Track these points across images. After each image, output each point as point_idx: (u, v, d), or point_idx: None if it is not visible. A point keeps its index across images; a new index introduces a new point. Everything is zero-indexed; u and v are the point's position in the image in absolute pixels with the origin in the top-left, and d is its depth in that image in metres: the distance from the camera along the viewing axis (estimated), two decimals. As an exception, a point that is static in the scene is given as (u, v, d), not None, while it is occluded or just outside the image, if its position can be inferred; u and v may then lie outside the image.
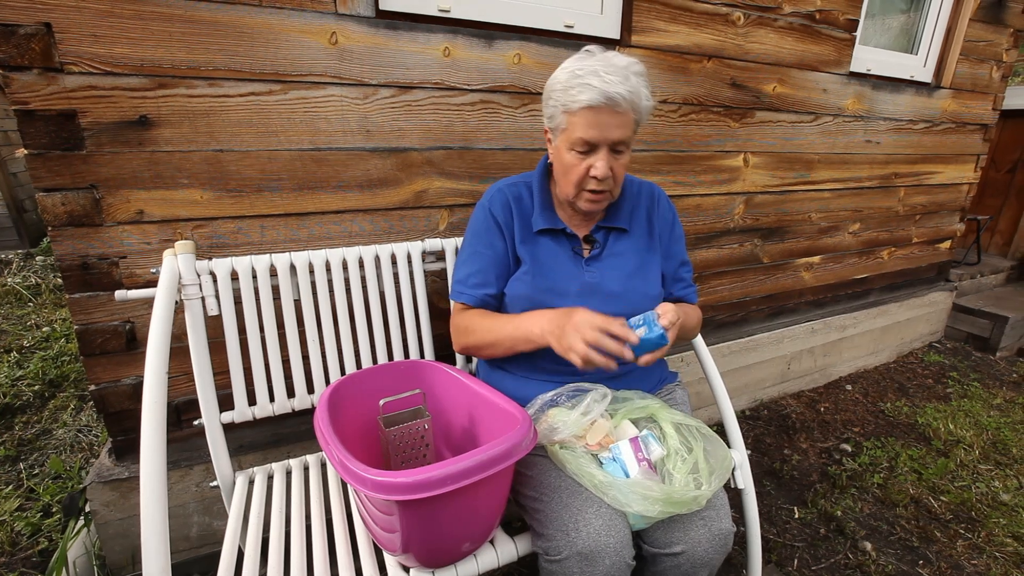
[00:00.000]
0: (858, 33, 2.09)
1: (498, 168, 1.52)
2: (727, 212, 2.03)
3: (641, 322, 0.94)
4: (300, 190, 1.30)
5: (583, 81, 0.96)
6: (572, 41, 1.55)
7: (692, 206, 1.94)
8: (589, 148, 1.01)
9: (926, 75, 2.42)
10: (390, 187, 1.40)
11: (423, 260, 1.36)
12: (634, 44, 1.63)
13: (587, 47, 1.03)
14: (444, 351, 1.40)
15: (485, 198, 1.18)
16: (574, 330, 0.93)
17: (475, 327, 1.13)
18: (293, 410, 1.23)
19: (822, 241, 2.38)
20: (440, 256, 1.40)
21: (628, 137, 1.00)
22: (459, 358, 1.40)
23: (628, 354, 0.91)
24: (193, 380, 1.11)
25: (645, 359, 0.93)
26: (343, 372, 1.26)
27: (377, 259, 1.29)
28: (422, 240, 1.36)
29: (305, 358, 1.24)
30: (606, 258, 1.14)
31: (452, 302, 1.20)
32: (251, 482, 1.17)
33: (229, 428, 1.18)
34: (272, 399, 1.21)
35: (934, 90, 2.45)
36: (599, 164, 1.01)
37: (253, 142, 1.23)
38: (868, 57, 2.19)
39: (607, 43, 1.61)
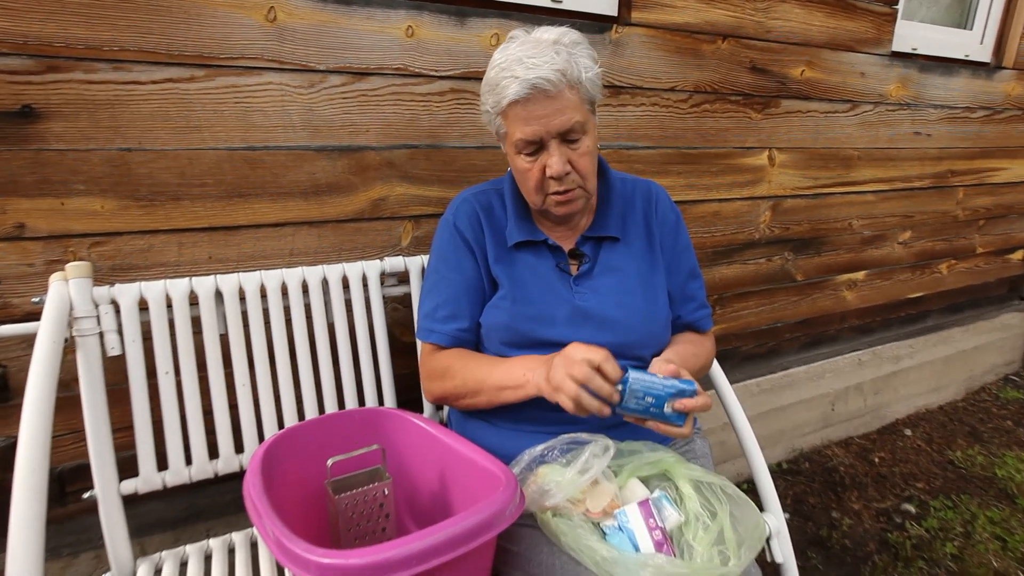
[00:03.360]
0: (900, 6, 2.16)
1: (474, 171, 1.54)
2: (751, 220, 2.06)
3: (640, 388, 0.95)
4: (229, 198, 1.29)
5: (507, 74, 1.00)
6: (561, 19, 1.58)
7: (709, 213, 1.97)
8: (536, 146, 1.04)
9: (984, 54, 2.50)
10: (341, 194, 1.40)
11: (382, 283, 1.36)
12: (635, 22, 1.67)
13: (512, 32, 1.07)
14: (408, 395, 1.39)
15: (449, 212, 1.20)
16: (562, 363, 0.94)
17: (453, 372, 1.13)
18: (216, 475, 1.21)
19: (866, 253, 2.43)
20: (403, 278, 1.40)
21: (578, 121, 1.02)
22: (427, 405, 1.39)
23: (616, 396, 0.93)
24: (84, 440, 1.08)
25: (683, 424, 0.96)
26: (281, 425, 1.25)
27: (325, 282, 1.28)
28: (381, 259, 1.36)
29: (233, 407, 1.22)
30: (599, 275, 1.15)
31: (420, 342, 1.21)
32: (158, 572, 1.13)
33: (131, 501, 1.14)
34: (189, 461, 1.19)
35: (994, 71, 2.53)
36: (553, 161, 1.03)
37: (170, 139, 1.22)
38: (913, 34, 2.27)
39: (602, 20, 1.64)
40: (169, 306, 1.15)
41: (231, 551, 1.18)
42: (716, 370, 1.36)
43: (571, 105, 1.01)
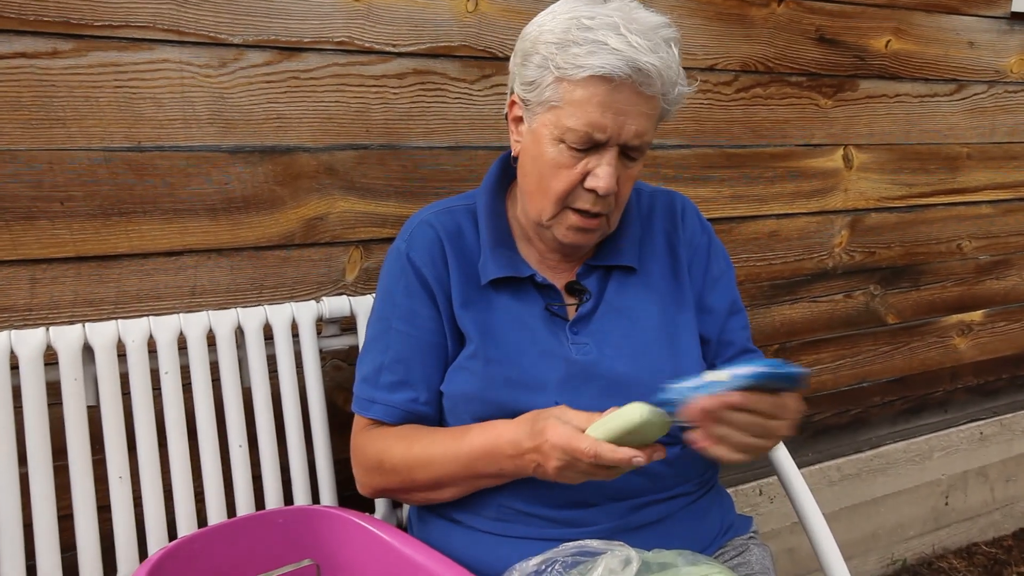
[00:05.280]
0: (1020, -47, 2.22)
1: (443, 179, 1.55)
2: (822, 243, 2.07)
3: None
4: (106, 216, 1.29)
5: (595, 36, 0.99)
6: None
7: (764, 234, 1.98)
8: (591, 144, 1.04)
9: None
10: (263, 211, 1.40)
11: (319, 332, 1.36)
12: (660, -21, 1.70)
13: None
14: (353, 488, 1.35)
15: (401, 238, 1.21)
16: (540, 456, 0.96)
17: (394, 457, 1.12)
18: (76, 609, 1.18)
19: (984, 286, 2.43)
20: (348, 325, 1.41)
21: (650, 136, 1.05)
22: (380, 502, 1.37)
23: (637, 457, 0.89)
24: None
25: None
26: (173, 535, 1.22)
27: (239, 331, 1.28)
28: (317, 299, 1.36)
29: (104, 510, 1.19)
30: (604, 318, 1.15)
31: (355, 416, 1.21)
32: None
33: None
34: (35, 590, 1.15)
35: None
36: (602, 171, 1.03)
37: (21, 137, 1.21)
38: (1041, -13, 2.29)
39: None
40: (15, 367, 1.13)
41: None
42: (778, 447, 1.34)
43: (653, 113, 1.04)
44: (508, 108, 1.15)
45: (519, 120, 1.12)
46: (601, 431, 0.91)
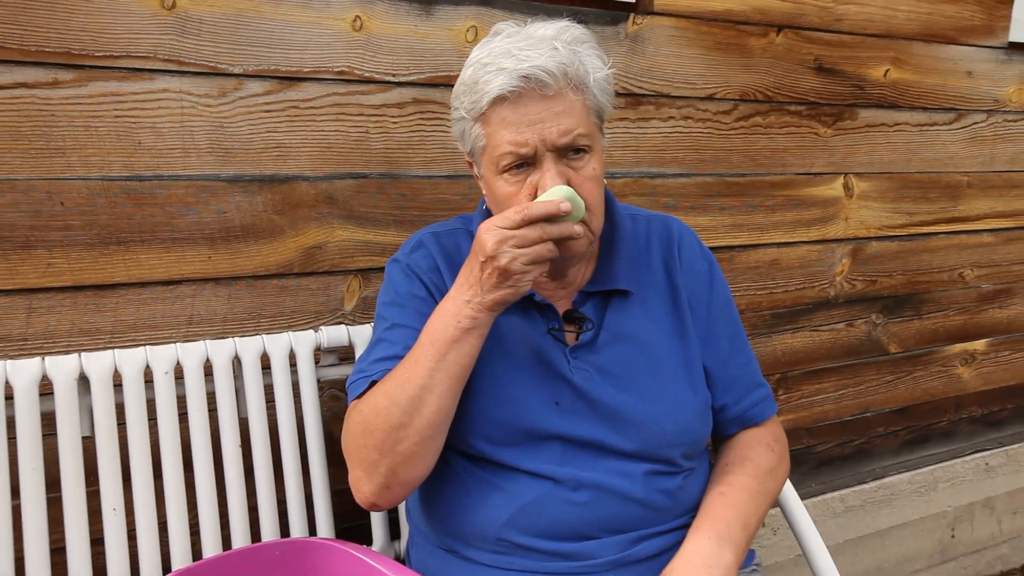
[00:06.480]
0: (1019, -17, 2.23)
1: (443, 208, 1.56)
2: (823, 271, 2.08)
3: None
4: (104, 245, 1.29)
5: (491, 68, 1.03)
6: (559, 6, 1.62)
7: (764, 263, 1.98)
8: (523, 161, 1.06)
9: None
10: (262, 240, 1.41)
11: (317, 362, 1.36)
12: (659, 10, 1.72)
13: (497, 25, 1.11)
14: (352, 519, 1.38)
15: (401, 254, 1.22)
16: (480, 264, 0.97)
17: (376, 403, 1.04)
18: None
19: (987, 315, 2.43)
20: (346, 355, 1.40)
21: (582, 132, 1.05)
22: (378, 534, 1.36)
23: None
24: None
25: None
26: (167, 569, 1.21)
27: (236, 361, 1.28)
28: (315, 329, 1.36)
29: (97, 543, 1.18)
30: (606, 346, 1.15)
31: (349, 404, 1.14)
32: None
33: None
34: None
35: None
36: (545, 180, 1.04)
37: (21, 166, 1.22)
38: (1039, 17, 2.31)
39: (615, 8, 1.69)
40: (9, 397, 1.12)
41: None
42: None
43: (574, 111, 1.04)
44: (468, 167, 1.18)
45: (477, 176, 1.16)
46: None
